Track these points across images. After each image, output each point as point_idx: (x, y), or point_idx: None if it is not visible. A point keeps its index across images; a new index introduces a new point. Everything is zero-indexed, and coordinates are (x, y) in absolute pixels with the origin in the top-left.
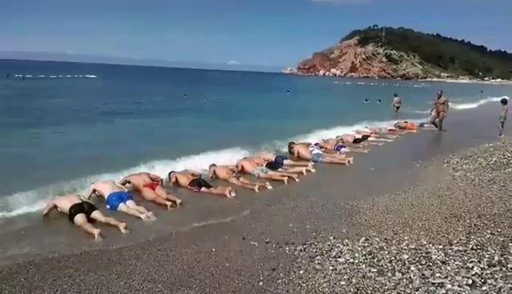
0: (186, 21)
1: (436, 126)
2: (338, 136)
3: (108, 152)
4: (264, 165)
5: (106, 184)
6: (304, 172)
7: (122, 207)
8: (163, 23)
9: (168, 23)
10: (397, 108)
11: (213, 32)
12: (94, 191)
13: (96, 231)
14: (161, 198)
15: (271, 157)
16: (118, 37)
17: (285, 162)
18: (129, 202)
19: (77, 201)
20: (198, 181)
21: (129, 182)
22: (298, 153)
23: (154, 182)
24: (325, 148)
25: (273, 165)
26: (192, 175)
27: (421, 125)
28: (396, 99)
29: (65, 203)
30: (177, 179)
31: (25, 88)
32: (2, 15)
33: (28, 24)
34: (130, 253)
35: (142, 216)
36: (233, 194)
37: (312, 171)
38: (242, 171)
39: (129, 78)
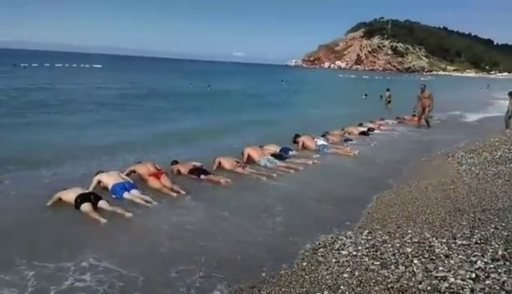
0: (191, 13)
1: (426, 122)
2: (343, 129)
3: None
4: (269, 156)
5: (111, 176)
6: (311, 164)
7: (126, 195)
8: (167, 14)
9: (172, 14)
10: (389, 102)
11: (218, 24)
12: (99, 182)
13: (102, 219)
14: (166, 188)
15: (276, 148)
16: (122, 28)
17: (291, 153)
18: (134, 191)
19: (82, 192)
20: (197, 169)
21: (134, 172)
22: (304, 144)
23: (159, 171)
24: (332, 140)
25: (279, 156)
26: (193, 165)
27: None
28: (387, 93)
29: (70, 195)
30: (179, 169)
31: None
32: (3, 5)
33: (31, 15)
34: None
35: (147, 205)
36: (229, 181)
37: (318, 162)
38: (248, 160)
39: (133, 69)
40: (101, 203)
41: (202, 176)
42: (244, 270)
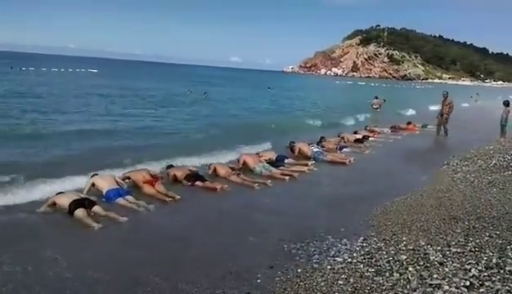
0: (188, 16)
1: (445, 130)
2: (339, 136)
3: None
4: (265, 163)
5: (105, 180)
6: (306, 171)
7: (120, 200)
8: (162, 17)
9: (168, 18)
10: (376, 109)
11: (215, 28)
12: (93, 185)
13: (95, 225)
14: (161, 194)
15: (272, 156)
16: (118, 32)
17: (287, 161)
18: (128, 197)
19: (76, 197)
20: (193, 175)
21: (129, 178)
22: (300, 150)
23: (153, 178)
24: (327, 147)
25: (274, 163)
26: (189, 170)
27: (424, 126)
28: (376, 100)
29: (65, 200)
30: (175, 174)
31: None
32: (1, 7)
33: (29, 17)
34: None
35: (141, 209)
36: (226, 186)
37: (314, 169)
38: (244, 166)
39: (127, 74)
40: (96, 208)
41: (198, 183)
42: (239, 277)
